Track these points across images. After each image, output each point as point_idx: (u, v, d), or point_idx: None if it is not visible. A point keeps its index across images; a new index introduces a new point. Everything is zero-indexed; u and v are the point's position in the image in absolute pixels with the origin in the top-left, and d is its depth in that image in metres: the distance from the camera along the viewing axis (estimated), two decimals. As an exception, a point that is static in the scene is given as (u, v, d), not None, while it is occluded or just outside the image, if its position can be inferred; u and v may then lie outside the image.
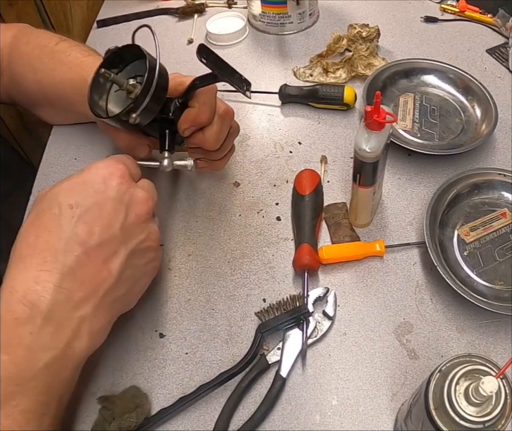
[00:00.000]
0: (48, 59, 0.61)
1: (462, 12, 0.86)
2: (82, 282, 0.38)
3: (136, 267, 0.43)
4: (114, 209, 0.40)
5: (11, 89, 0.66)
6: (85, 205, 0.39)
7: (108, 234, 0.39)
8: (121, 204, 0.40)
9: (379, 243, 0.55)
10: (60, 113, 0.68)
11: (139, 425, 0.43)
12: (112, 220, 0.39)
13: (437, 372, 0.34)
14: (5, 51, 0.64)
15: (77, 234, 0.38)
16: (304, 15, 0.85)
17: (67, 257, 0.37)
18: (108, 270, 0.39)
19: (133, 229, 0.41)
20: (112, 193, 0.40)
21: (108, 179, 0.40)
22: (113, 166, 0.41)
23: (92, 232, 0.38)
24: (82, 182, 0.40)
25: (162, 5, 0.95)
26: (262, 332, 0.48)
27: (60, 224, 0.38)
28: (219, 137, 0.53)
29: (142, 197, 0.42)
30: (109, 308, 0.41)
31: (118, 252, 0.40)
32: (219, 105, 0.52)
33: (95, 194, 0.39)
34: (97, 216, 0.39)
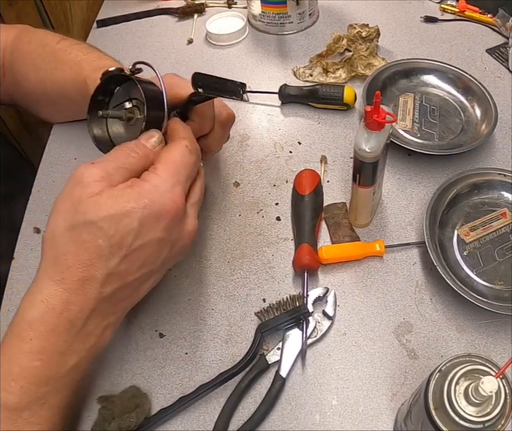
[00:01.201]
0: (50, 58, 0.61)
1: (462, 12, 0.86)
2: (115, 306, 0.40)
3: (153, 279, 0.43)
4: (159, 248, 0.40)
5: (13, 89, 0.66)
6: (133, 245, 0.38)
7: (147, 270, 0.40)
8: (167, 243, 0.40)
9: (379, 243, 0.55)
10: (61, 111, 0.68)
11: (138, 425, 0.43)
12: (154, 259, 0.40)
13: (437, 372, 0.34)
14: (6, 51, 0.64)
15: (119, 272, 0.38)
16: (304, 15, 0.85)
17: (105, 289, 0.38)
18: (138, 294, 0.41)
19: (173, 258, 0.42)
20: (160, 234, 0.39)
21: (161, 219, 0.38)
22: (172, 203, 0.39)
23: (132, 270, 0.39)
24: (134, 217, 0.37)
25: (162, 5, 0.95)
26: (262, 332, 0.48)
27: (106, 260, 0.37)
28: (222, 142, 0.54)
29: (190, 231, 0.42)
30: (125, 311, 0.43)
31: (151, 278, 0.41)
32: (221, 111, 0.53)
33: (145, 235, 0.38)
34: (142, 256, 0.39)
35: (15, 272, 0.57)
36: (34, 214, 0.62)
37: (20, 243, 0.59)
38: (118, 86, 0.46)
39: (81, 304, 0.37)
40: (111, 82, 0.46)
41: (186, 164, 0.42)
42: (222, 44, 0.84)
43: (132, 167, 0.40)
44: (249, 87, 0.76)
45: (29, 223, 0.61)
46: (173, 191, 0.39)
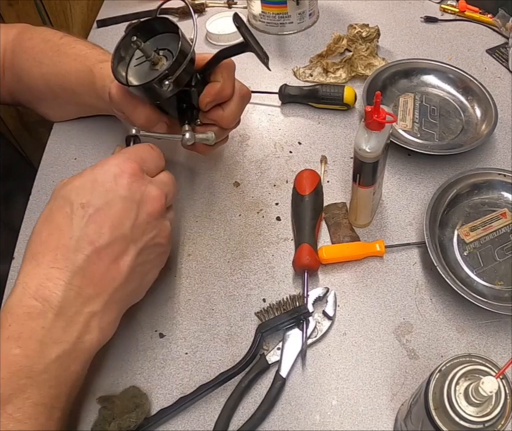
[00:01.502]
0: (53, 52, 0.62)
1: (462, 12, 0.86)
2: (91, 280, 0.38)
3: (145, 263, 0.43)
4: (125, 208, 0.40)
5: (15, 86, 0.66)
6: (96, 204, 0.39)
7: (118, 233, 0.39)
8: (132, 202, 0.40)
9: (379, 243, 0.55)
10: (64, 106, 0.68)
11: (138, 425, 0.43)
12: (122, 219, 0.40)
13: (437, 372, 0.34)
14: (7, 50, 0.64)
15: (87, 233, 0.38)
16: (304, 15, 0.85)
17: (77, 256, 0.38)
18: (118, 269, 0.40)
19: (144, 227, 0.41)
20: (122, 191, 0.40)
21: (119, 177, 0.40)
22: (125, 164, 0.41)
23: (102, 232, 0.39)
24: (94, 180, 0.40)
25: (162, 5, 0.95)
26: (262, 332, 0.48)
27: (71, 223, 0.38)
28: (237, 116, 0.54)
29: (154, 195, 0.42)
30: (119, 303, 0.42)
31: (128, 251, 0.40)
32: (242, 86, 0.54)
33: (106, 193, 0.39)
34: (108, 215, 0.39)
35: (15, 272, 0.56)
36: (34, 213, 0.62)
37: (20, 243, 0.59)
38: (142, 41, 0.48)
39: (54, 278, 0.37)
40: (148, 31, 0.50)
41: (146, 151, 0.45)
42: (222, 44, 0.84)
43: None
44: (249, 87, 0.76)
45: (29, 223, 0.61)
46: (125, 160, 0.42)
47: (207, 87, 0.51)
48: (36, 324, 0.37)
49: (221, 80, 0.50)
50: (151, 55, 0.48)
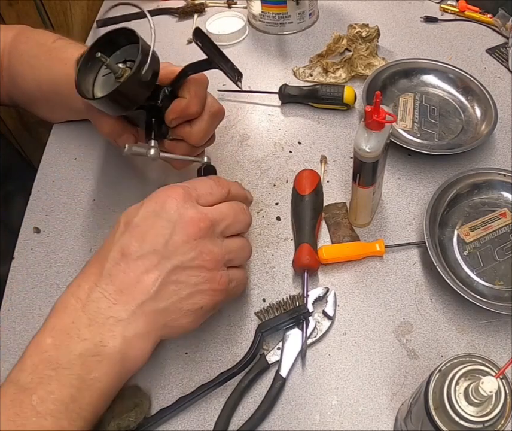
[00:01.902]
0: (46, 57, 0.61)
1: (462, 12, 0.86)
2: (119, 286, 0.40)
3: (182, 284, 0.41)
4: (160, 225, 0.41)
5: (11, 89, 0.66)
6: (137, 222, 0.41)
7: (149, 248, 0.40)
8: (168, 222, 0.41)
9: (379, 243, 0.55)
10: (57, 110, 0.68)
11: (138, 424, 0.43)
12: (156, 235, 0.41)
13: (437, 372, 0.34)
14: (5, 51, 0.64)
15: (120, 244, 0.41)
16: (304, 15, 0.85)
17: (107, 262, 0.40)
18: (147, 281, 0.40)
19: (180, 246, 0.41)
20: (161, 211, 0.41)
21: (164, 201, 0.42)
22: (171, 190, 0.43)
23: (134, 243, 0.40)
24: (140, 205, 0.43)
25: (162, 5, 0.95)
26: (262, 332, 0.48)
27: (113, 237, 0.41)
28: (206, 135, 0.53)
29: (192, 216, 0.42)
30: (148, 319, 0.40)
31: (159, 266, 0.40)
32: (213, 103, 0.52)
33: (147, 213, 0.42)
34: (143, 231, 0.41)
35: (15, 272, 0.57)
36: (34, 213, 0.62)
37: (19, 243, 0.59)
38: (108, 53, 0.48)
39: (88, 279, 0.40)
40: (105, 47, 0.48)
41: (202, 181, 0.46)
42: (222, 44, 0.84)
43: None
44: (249, 87, 0.76)
45: (29, 223, 0.61)
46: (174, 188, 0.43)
47: (174, 102, 0.50)
48: (68, 318, 0.39)
49: (188, 96, 0.49)
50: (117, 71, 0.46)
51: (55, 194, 0.64)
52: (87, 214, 0.61)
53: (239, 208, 0.46)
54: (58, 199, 0.63)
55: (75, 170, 0.67)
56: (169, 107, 0.50)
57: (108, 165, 0.66)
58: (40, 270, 0.57)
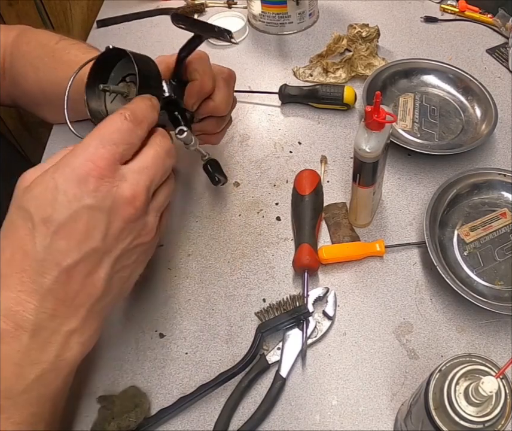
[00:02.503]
0: (49, 58, 0.61)
1: (462, 12, 0.86)
2: (64, 300, 0.35)
3: (125, 268, 0.39)
4: (92, 219, 0.34)
5: (13, 89, 0.66)
6: (58, 218, 0.34)
7: (88, 248, 0.35)
8: (100, 212, 0.35)
9: (379, 243, 0.55)
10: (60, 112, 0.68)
11: (138, 424, 0.43)
12: (90, 232, 0.35)
13: (437, 372, 0.34)
14: (6, 52, 0.64)
15: (52, 253, 0.34)
16: (304, 15, 0.85)
17: (44, 279, 0.34)
18: (93, 284, 0.36)
19: (119, 235, 0.36)
20: (88, 200, 0.34)
21: (84, 182, 0.34)
22: (92, 163, 0.34)
23: (68, 249, 0.34)
24: (54, 187, 0.34)
25: (162, 5, 0.95)
26: (262, 332, 0.48)
27: (34, 243, 0.34)
28: (229, 100, 0.53)
29: (128, 196, 0.36)
30: (99, 314, 0.38)
31: (102, 264, 0.36)
32: (221, 69, 0.53)
33: (69, 204, 0.34)
34: (73, 230, 0.34)
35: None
36: (34, 213, 0.62)
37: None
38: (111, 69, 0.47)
39: (23, 302, 0.34)
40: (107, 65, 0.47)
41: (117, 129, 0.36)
42: (222, 44, 0.84)
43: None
44: (249, 87, 0.76)
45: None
46: (93, 152, 0.35)
47: (187, 88, 0.49)
48: (11, 347, 0.34)
49: (198, 77, 0.49)
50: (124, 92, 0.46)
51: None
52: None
53: (164, 152, 0.40)
54: (58, 199, 0.63)
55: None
56: (185, 94, 0.50)
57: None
58: (41, 270, 0.57)
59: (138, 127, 0.38)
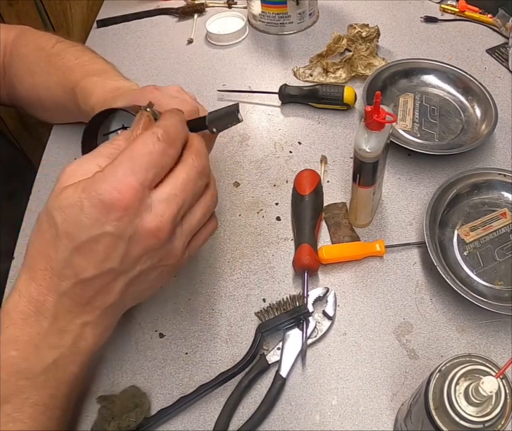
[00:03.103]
0: (44, 63, 0.61)
1: (462, 12, 0.86)
2: (80, 302, 0.37)
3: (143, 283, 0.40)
4: (112, 244, 0.35)
5: (11, 90, 0.66)
6: (80, 238, 0.35)
7: (105, 268, 0.36)
8: (119, 240, 0.35)
9: (379, 243, 0.55)
10: (56, 115, 0.68)
11: (138, 424, 0.43)
12: (109, 255, 0.35)
13: (437, 372, 0.34)
14: (6, 52, 0.64)
15: (72, 265, 0.36)
16: (304, 15, 0.85)
17: (63, 282, 0.36)
18: (108, 294, 0.38)
19: (138, 260, 0.37)
20: (110, 228, 0.34)
21: (108, 211, 0.34)
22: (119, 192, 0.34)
23: (86, 266, 0.36)
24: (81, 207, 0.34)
25: (162, 5, 0.95)
26: (262, 332, 0.48)
27: (56, 251, 0.36)
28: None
29: (151, 229, 0.35)
30: (113, 314, 0.41)
31: (118, 280, 0.37)
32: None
33: (91, 228, 0.34)
34: (93, 251, 0.35)
35: (15, 272, 0.57)
36: (34, 213, 0.62)
37: (20, 243, 0.59)
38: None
39: (43, 295, 0.37)
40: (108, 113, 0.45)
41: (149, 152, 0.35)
42: (222, 44, 0.84)
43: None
44: (249, 87, 0.76)
45: (29, 223, 0.61)
46: (122, 180, 0.34)
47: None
48: (32, 330, 0.37)
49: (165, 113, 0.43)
50: None
51: (55, 194, 0.64)
52: (87, 214, 0.61)
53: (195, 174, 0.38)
54: (58, 199, 0.63)
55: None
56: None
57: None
58: (41, 270, 0.57)
59: (171, 147, 0.37)
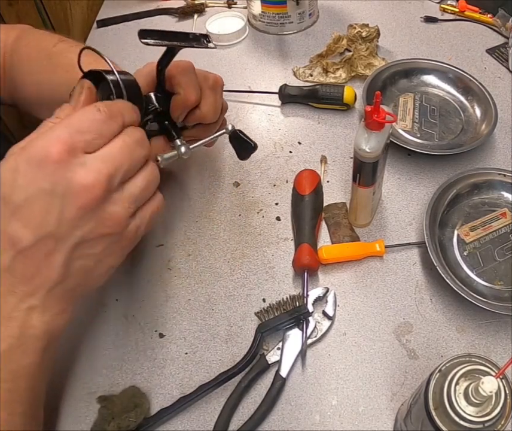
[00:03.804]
0: (47, 61, 0.61)
1: (462, 12, 0.86)
2: (22, 278, 0.36)
3: (88, 256, 0.38)
4: (46, 203, 0.34)
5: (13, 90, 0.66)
6: (16, 200, 0.34)
7: (42, 233, 0.35)
8: (54, 197, 0.34)
9: (379, 243, 0.55)
10: None
11: (138, 424, 0.43)
12: (45, 216, 0.35)
13: (437, 372, 0.34)
14: (7, 52, 0.64)
15: (9, 234, 0.35)
16: (304, 15, 0.85)
17: (3, 256, 0.35)
18: (49, 267, 0.36)
19: (75, 222, 0.36)
20: (44, 183, 0.34)
21: (43, 165, 0.34)
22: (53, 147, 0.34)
23: (23, 232, 0.35)
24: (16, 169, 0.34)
25: (162, 5, 0.95)
26: (262, 332, 0.48)
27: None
28: (217, 108, 0.53)
29: (85, 184, 0.35)
30: (62, 299, 0.39)
31: (58, 248, 0.36)
32: (207, 76, 0.52)
33: (26, 187, 0.34)
34: (28, 213, 0.35)
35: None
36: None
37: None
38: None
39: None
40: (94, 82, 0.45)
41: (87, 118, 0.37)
42: (222, 44, 0.84)
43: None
44: (249, 87, 0.76)
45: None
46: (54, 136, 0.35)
47: (172, 102, 0.49)
48: None
49: (181, 91, 0.49)
50: None
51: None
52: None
53: (133, 141, 0.39)
54: (58, 199, 0.63)
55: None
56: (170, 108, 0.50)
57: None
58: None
59: (111, 120, 0.38)
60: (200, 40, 0.47)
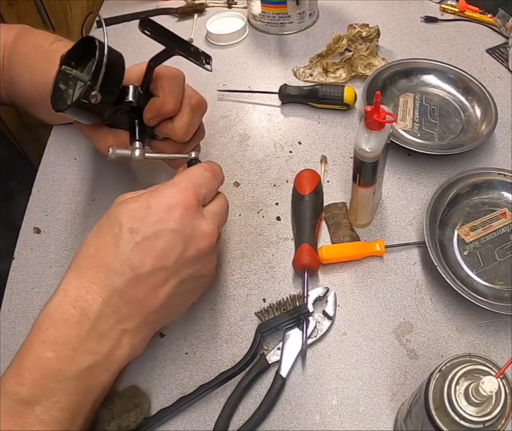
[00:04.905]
0: (43, 59, 0.61)
1: (462, 12, 0.86)
2: (128, 302, 0.39)
3: (184, 293, 0.43)
4: (172, 241, 0.40)
5: (11, 89, 0.66)
6: (144, 232, 0.39)
7: (160, 265, 0.39)
8: (180, 237, 0.40)
9: (379, 243, 0.55)
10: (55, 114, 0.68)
11: (138, 424, 0.43)
12: (167, 252, 0.39)
13: (437, 372, 0.34)
14: (6, 51, 0.64)
15: (130, 260, 0.39)
16: (304, 15, 0.85)
17: (118, 279, 0.38)
18: (155, 297, 0.40)
19: (190, 261, 0.41)
20: (173, 224, 0.40)
21: (172, 210, 0.40)
22: (181, 195, 0.41)
23: (145, 261, 0.39)
24: (147, 207, 0.40)
25: (162, 5, 0.95)
26: (262, 332, 0.48)
27: (117, 246, 0.39)
28: (189, 130, 0.51)
29: (206, 232, 0.42)
30: (152, 325, 0.42)
31: (168, 282, 0.40)
32: (192, 94, 0.51)
33: (156, 224, 0.39)
34: (153, 246, 0.39)
35: (15, 272, 0.57)
36: (34, 213, 0.62)
37: (20, 243, 0.59)
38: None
39: (93, 293, 0.38)
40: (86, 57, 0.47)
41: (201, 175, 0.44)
42: (222, 44, 0.84)
43: None
44: (249, 87, 0.76)
45: (29, 223, 0.61)
46: (183, 188, 0.41)
47: (149, 102, 0.49)
48: (72, 331, 0.37)
49: (162, 95, 0.48)
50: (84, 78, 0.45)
51: (55, 194, 0.64)
52: (87, 213, 0.61)
53: (227, 206, 0.47)
54: (58, 199, 0.63)
55: (75, 170, 0.67)
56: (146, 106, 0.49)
57: (108, 165, 0.66)
58: (40, 270, 0.57)
59: (215, 178, 0.45)
60: (199, 56, 0.46)
